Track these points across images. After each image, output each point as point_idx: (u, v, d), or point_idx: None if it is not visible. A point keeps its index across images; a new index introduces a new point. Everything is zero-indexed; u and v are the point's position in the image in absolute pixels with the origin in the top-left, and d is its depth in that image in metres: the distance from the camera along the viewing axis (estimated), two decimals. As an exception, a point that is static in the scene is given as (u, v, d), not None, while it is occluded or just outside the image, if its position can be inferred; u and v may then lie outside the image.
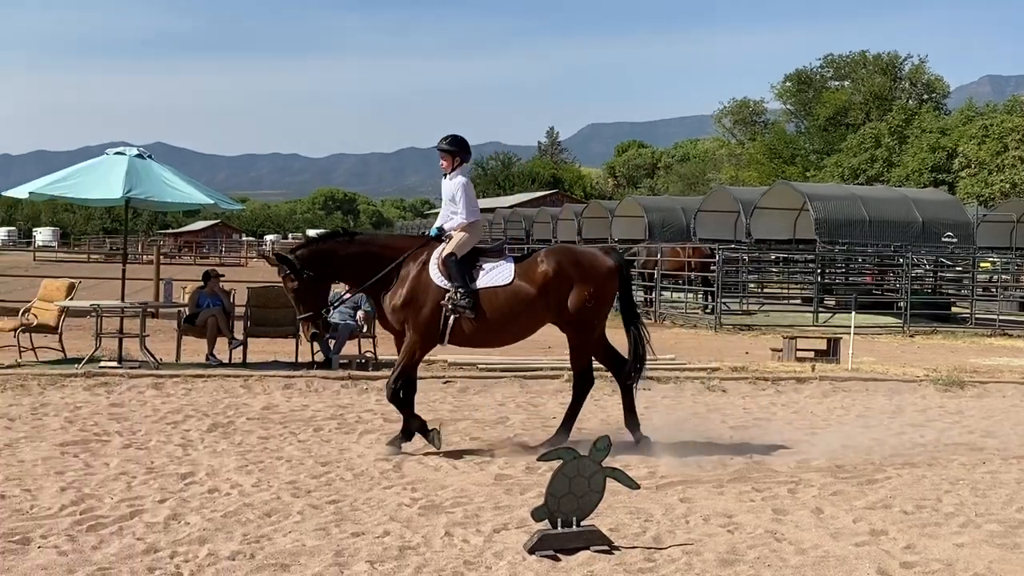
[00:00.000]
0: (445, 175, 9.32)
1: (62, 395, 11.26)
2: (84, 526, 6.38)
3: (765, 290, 34.85)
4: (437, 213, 9.73)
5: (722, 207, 35.83)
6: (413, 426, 8.98)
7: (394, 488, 7.63)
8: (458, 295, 8.84)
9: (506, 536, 6.43)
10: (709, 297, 27.22)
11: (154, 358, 13.56)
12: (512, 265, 9.12)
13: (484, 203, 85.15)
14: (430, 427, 9.01)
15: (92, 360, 13.36)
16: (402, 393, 9.05)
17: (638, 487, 6.75)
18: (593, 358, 9.60)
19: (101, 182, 13.95)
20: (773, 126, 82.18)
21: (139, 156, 14.36)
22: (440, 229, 9.29)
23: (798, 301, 31.81)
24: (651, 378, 13.42)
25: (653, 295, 27.34)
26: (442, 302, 8.88)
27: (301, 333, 9.39)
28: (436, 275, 8.95)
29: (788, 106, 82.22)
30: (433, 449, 8.91)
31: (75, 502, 6.92)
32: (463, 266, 8.94)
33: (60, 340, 14.34)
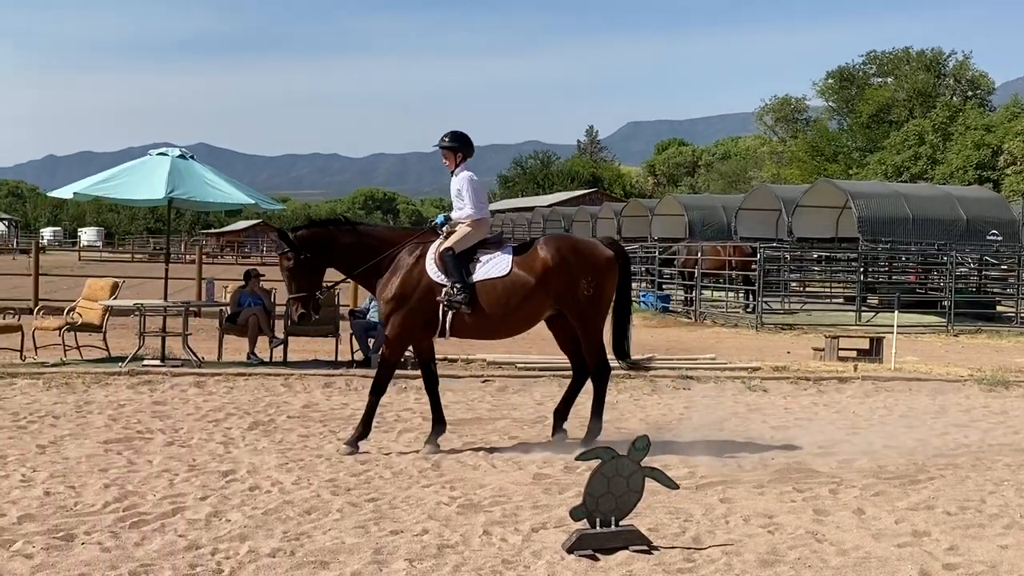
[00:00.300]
0: (452, 173, 9.31)
1: (106, 393, 11.40)
2: (127, 523, 6.45)
3: (807, 289, 34.59)
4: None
5: (763, 205, 35.62)
6: (366, 428, 8.94)
7: (433, 487, 7.65)
8: (454, 291, 8.81)
9: (544, 535, 6.42)
10: (750, 296, 27.06)
11: (196, 357, 13.69)
12: (510, 256, 9.04)
13: (523, 202, 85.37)
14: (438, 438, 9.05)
15: (136, 359, 13.51)
16: (427, 388, 9.21)
17: (677, 487, 6.71)
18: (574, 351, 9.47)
19: (144, 183, 14.10)
20: (815, 123, 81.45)
21: (181, 157, 14.50)
22: (447, 218, 9.28)
23: (840, 300, 31.57)
24: (691, 377, 13.40)
25: (693, 294, 27.22)
26: (438, 298, 8.86)
27: (291, 312, 9.34)
28: (432, 270, 8.91)
29: (830, 103, 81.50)
30: (472, 448, 8.93)
31: (118, 499, 7.00)
32: (460, 261, 8.90)
33: (104, 339, 14.52)
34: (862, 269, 29.79)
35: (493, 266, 8.97)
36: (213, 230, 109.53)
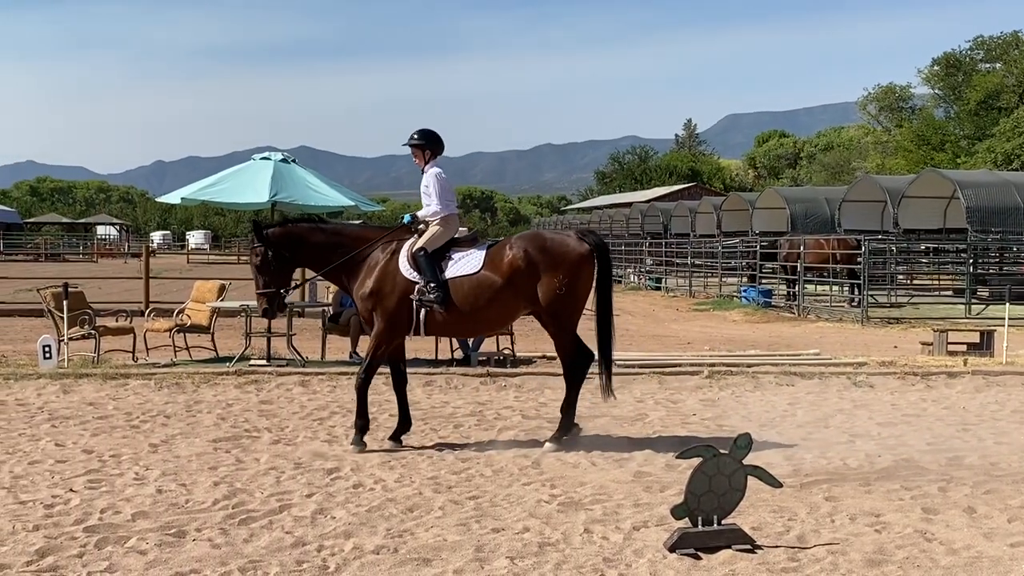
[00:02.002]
0: (422, 170, 9.27)
1: (215, 393, 11.69)
2: (236, 519, 6.61)
3: (914, 282, 33.78)
4: (574, 209, 9.70)
5: (868, 197, 34.92)
6: (363, 423, 8.97)
7: (533, 484, 7.67)
8: (427, 288, 8.80)
9: (646, 534, 6.39)
10: (855, 290, 26.53)
11: (300, 356, 13.95)
12: (482, 254, 8.98)
13: (621, 198, 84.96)
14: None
15: (242, 359, 13.83)
16: (395, 387, 9.19)
17: (781, 485, 6.62)
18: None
19: (248, 187, 14.42)
20: (921, 112, 79.39)
21: (284, 160, 14.80)
22: (413, 217, 9.27)
23: (949, 293, 30.77)
24: (794, 373, 13.19)
25: (796, 288, 26.81)
26: (411, 296, 8.85)
27: (258, 307, 9.40)
28: (405, 267, 8.92)
29: (936, 91, 79.31)
30: (573, 446, 8.92)
31: (227, 496, 7.18)
32: (433, 259, 8.88)
33: (212, 339, 14.90)
34: (971, 260, 28.96)
35: (464, 264, 8.94)
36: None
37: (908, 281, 32.97)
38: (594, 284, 9.06)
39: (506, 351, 14.43)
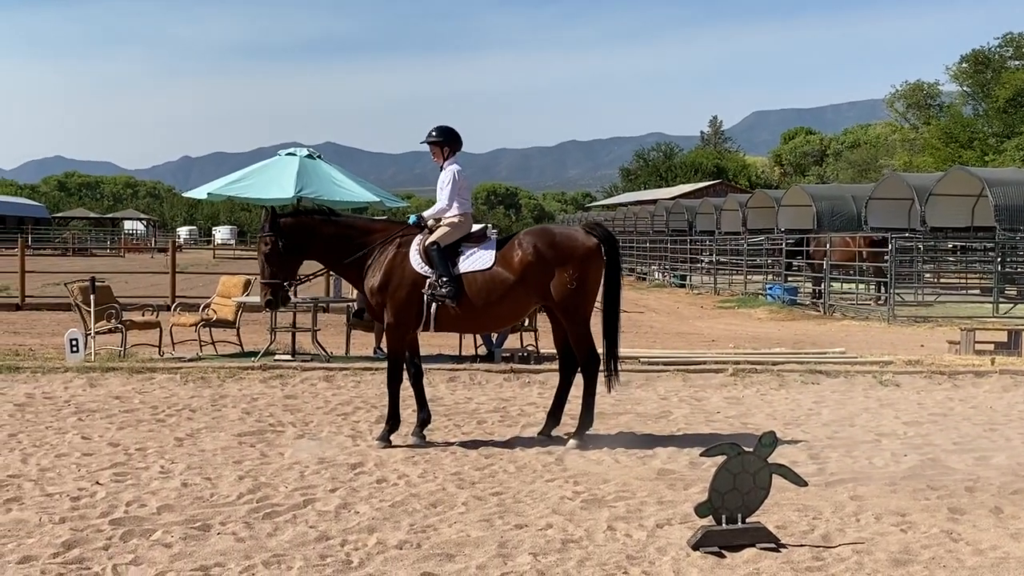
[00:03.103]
0: (440, 167, 9.27)
1: (240, 387, 11.75)
2: (260, 514, 6.64)
3: (941, 280, 33.52)
4: (599, 206, 9.69)
5: (895, 194, 34.67)
6: (394, 422, 8.95)
7: (556, 481, 7.66)
8: (440, 283, 8.79)
9: (669, 531, 6.38)
10: (882, 288, 26.35)
11: (325, 352, 14.00)
12: (493, 251, 8.97)
13: (645, 195, 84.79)
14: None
15: (267, 353, 13.89)
16: (411, 380, 9.07)
17: (806, 484, 6.58)
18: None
19: (274, 182, 14.46)
20: (949, 109, 78.74)
21: (309, 156, 14.84)
22: (419, 217, 9.27)
23: (976, 291, 30.51)
24: (820, 372, 13.11)
25: (822, 286, 26.65)
26: (423, 290, 8.85)
27: (259, 297, 9.35)
28: (417, 262, 8.91)
29: (965, 88, 78.63)
30: (596, 443, 8.91)
31: (252, 490, 7.21)
32: (445, 254, 8.88)
33: (238, 334, 14.98)
34: (999, 259, 28.69)
35: (476, 260, 8.94)
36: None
37: (935, 279, 32.72)
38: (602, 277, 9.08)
39: (530, 347, 14.42)
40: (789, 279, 29.59)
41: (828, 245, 26.66)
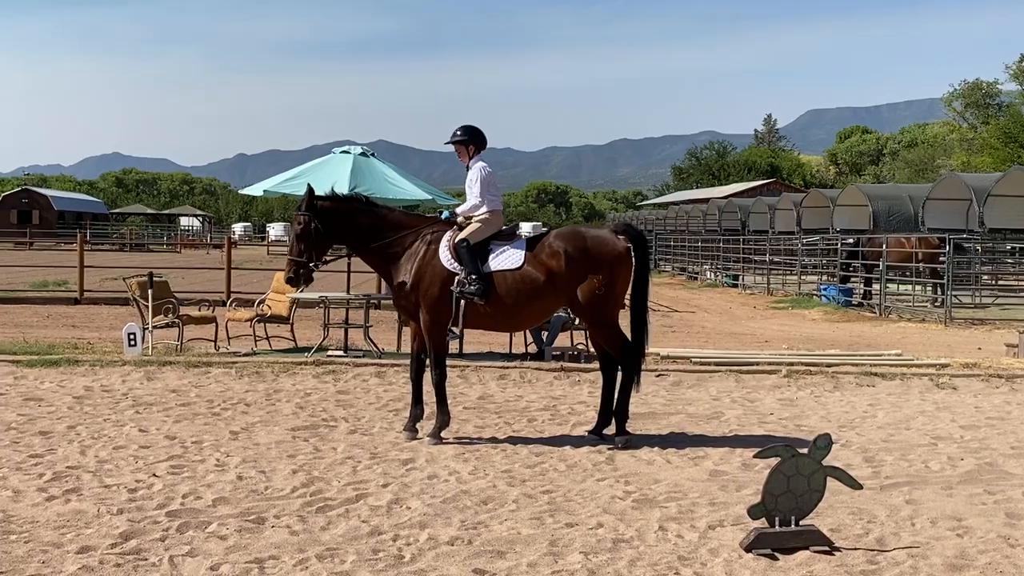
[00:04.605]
0: (467, 166, 9.28)
1: (293, 382, 11.86)
2: (314, 507, 6.70)
3: (1000, 282, 32.97)
4: (650, 205, 9.66)
5: (953, 195, 34.18)
6: (445, 419, 8.98)
7: (607, 480, 7.65)
8: (469, 280, 8.77)
9: (721, 533, 6.34)
10: (939, 290, 25.98)
11: (377, 348, 14.09)
12: (523, 250, 8.94)
13: (698, 194, 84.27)
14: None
15: (320, 349, 14.00)
16: (411, 375, 9.20)
17: (860, 487, 6.52)
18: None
19: (328, 180, 14.52)
20: (1008, 108, 77.41)
21: (363, 154, 14.94)
22: (452, 213, 9.28)
23: (1036, 294, 29.95)
24: (875, 374, 12.96)
25: (878, 287, 26.33)
26: (452, 287, 8.84)
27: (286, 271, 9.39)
28: (447, 258, 8.90)
29: (1025, 87, 77.34)
30: (647, 443, 8.88)
31: (305, 484, 7.28)
32: (475, 252, 8.86)
33: (291, 330, 15.13)
34: (1060, 261, 28.21)
35: (506, 258, 8.93)
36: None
37: (993, 282, 32.19)
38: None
39: (580, 346, 14.41)
40: (851, 280, 29.17)
41: (884, 246, 26.33)
